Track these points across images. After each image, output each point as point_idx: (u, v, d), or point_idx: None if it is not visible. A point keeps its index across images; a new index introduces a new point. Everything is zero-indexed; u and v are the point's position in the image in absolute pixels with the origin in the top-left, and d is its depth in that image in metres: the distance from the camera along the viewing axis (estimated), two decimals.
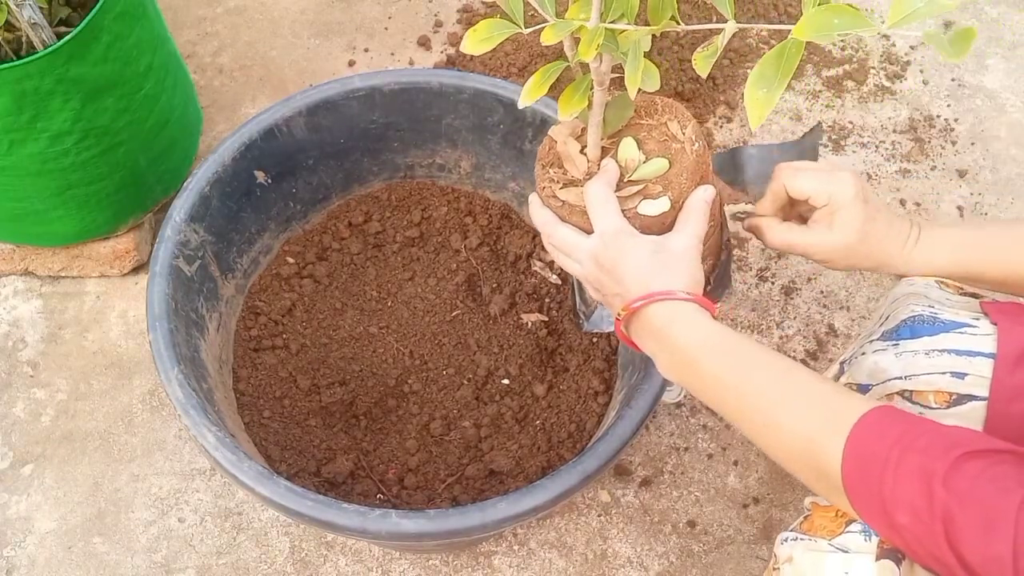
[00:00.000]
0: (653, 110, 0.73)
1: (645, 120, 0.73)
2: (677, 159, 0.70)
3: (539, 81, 0.65)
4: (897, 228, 0.72)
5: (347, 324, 1.11)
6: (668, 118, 0.72)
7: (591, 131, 0.70)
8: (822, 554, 0.66)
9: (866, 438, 0.57)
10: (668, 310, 0.66)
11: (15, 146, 1.03)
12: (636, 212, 0.69)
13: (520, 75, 1.42)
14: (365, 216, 1.15)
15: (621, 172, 0.71)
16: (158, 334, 0.87)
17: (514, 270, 1.15)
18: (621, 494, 1.14)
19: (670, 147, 0.71)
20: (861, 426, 0.57)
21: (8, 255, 1.25)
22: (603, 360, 1.05)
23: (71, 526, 1.11)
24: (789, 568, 0.68)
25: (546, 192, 0.72)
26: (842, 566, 0.64)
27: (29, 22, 0.95)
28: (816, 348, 1.25)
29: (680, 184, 0.69)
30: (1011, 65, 1.54)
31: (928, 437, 0.55)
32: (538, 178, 0.73)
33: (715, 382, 0.65)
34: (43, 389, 1.20)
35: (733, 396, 0.64)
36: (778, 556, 0.70)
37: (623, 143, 0.71)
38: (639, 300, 0.67)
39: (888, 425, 0.57)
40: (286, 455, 0.99)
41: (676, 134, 0.71)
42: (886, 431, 0.56)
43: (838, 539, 0.66)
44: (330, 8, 1.57)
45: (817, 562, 0.65)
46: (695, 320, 0.66)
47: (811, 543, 0.67)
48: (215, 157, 0.98)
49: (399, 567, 1.09)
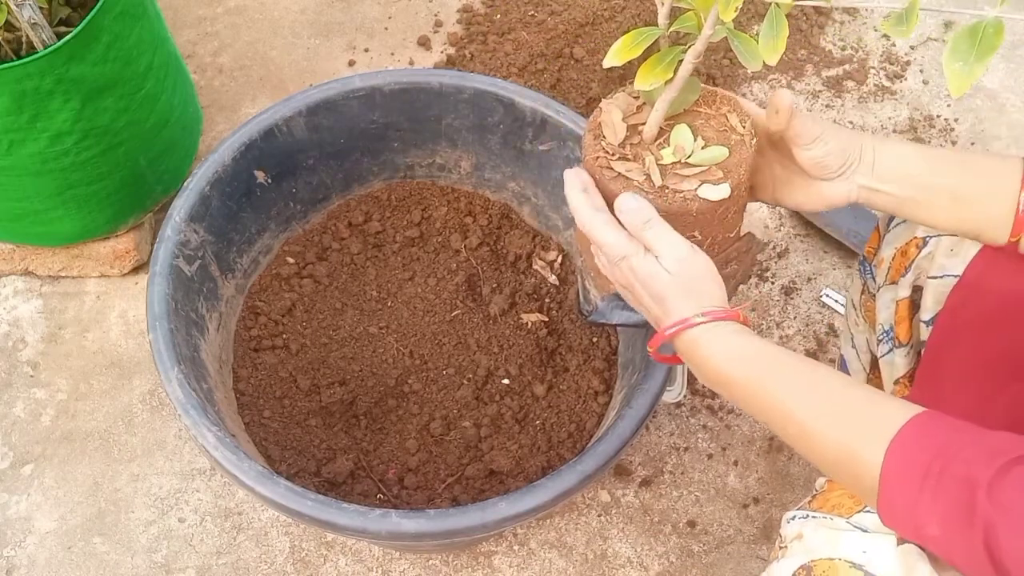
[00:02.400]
0: (713, 100, 0.72)
1: (704, 109, 0.72)
2: (736, 150, 0.69)
3: (628, 43, 0.64)
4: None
5: (347, 324, 1.11)
6: (728, 110, 0.71)
7: (658, 107, 0.68)
8: (837, 532, 0.64)
9: (906, 450, 0.56)
10: (691, 335, 0.66)
11: (15, 146, 1.03)
12: (696, 195, 0.67)
13: (520, 75, 1.42)
14: (365, 216, 1.15)
15: (673, 156, 0.69)
16: (158, 334, 0.87)
17: (514, 270, 1.15)
18: (621, 494, 1.14)
19: (729, 138, 0.70)
20: (901, 438, 0.56)
21: (8, 255, 1.25)
22: (603, 360, 1.05)
23: (71, 526, 1.11)
24: (798, 545, 0.66)
25: (600, 162, 0.70)
26: (860, 545, 0.62)
27: (29, 22, 0.95)
28: (816, 348, 1.25)
29: (739, 175, 0.68)
30: (1011, 65, 1.54)
31: (972, 448, 0.54)
32: (588, 148, 0.71)
33: (750, 399, 0.65)
34: (43, 389, 1.20)
35: (767, 410, 0.64)
36: (784, 536, 0.68)
37: (677, 128, 0.70)
38: (670, 329, 0.67)
39: (930, 436, 0.56)
40: (286, 455, 0.99)
41: (735, 126, 0.70)
42: (927, 443, 0.55)
43: (855, 517, 0.65)
44: (330, 8, 1.57)
45: (832, 540, 0.63)
46: (719, 341, 0.65)
47: (825, 520, 0.66)
48: (215, 157, 0.98)
49: (399, 567, 1.09)
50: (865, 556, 0.61)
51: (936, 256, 0.77)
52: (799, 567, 0.64)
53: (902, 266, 0.81)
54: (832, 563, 0.62)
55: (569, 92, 1.42)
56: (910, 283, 0.81)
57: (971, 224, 0.69)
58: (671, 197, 0.67)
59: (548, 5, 1.51)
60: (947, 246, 0.77)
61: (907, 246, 0.80)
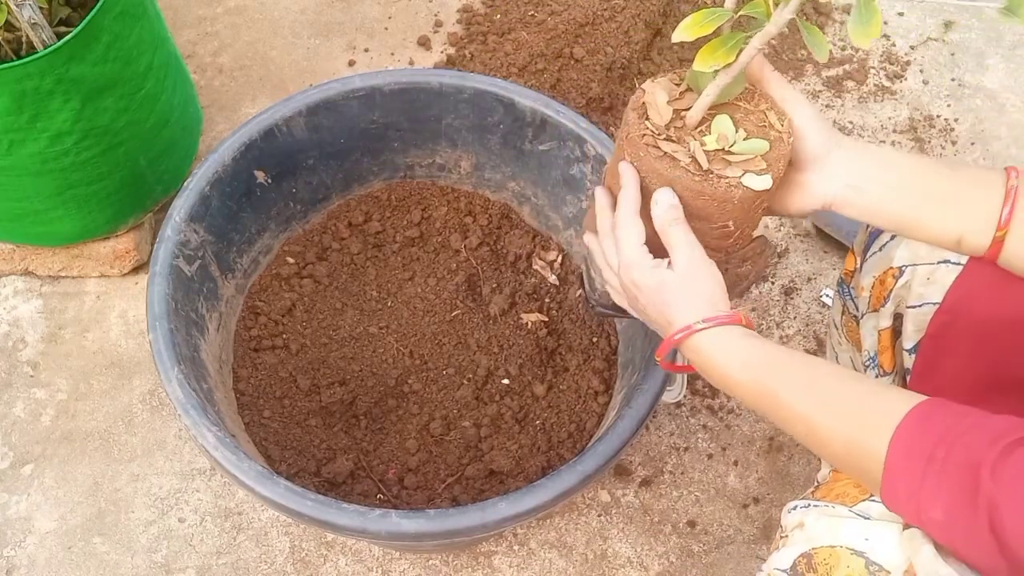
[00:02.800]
0: (752, 96, 0.72)
1: (743, 104, 0.71)
2: (776, 145, 0.69)
3: (699, 20, 0.64)
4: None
5: (347, 324, 1.11)
6: (767, 107, 0.71)
7: (708, 92, 0.68)
8: (840, 520, 0.64)
9: (910, 438, 0.57)
10: (695, 341, 0.68)
11: (15, 146, 1.03)
12: (740, 183, 0.67)
13: (520, 75, 1.42)
14: (365, 216, 1.15)
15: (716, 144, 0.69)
16: (158, 334, 0.87)
17: (514, 270, 1.15)
18: (621, 494, 1.14)
19: (768, 133, 0.70)
20: (905, 426, 0.57)
21: (8, 255, 1.25)
22: (603, 360, 1.05)
23: (71, 526, 1.11)
24: (800, 534, 0.66)
25: (646, 140, 0.69)
26: (862, 532, 0.62)
27: (29, 22, 0.95)
28: (816, 348, 1.25)
29: (778, 169, 0.68)
30: (1011, 65, 1.54)
31: (974, 432, 0.55)
32: (632, 125, 0.70)
33: (757, 401, 0.66)
34: (43, 389, 1.20)
35: (775, 411, 0.65)
36: (785, 526, 0.69)
37: (719, 117, 0.70)
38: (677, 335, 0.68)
39: (932, 422, 0.57)
40: (286, 455, 0.99)
41: (774, 123, 0.70)
42: (930, 429, 0.56)
43: (859, 506, 0.65)
44: (330, 8, 1.57)
45: (834, 527, 0.64)
46: (723, 346, 0.67)
47: (827, 509, 0.66)
48: (215, 157, 0.98)
49: (399, 567, 1.09)
50: (868, 543, 0.61)
51: (913, 285, 0.78)
52: (800, 555, 0.64)
53: (881, 295, 0.82)
54: (833, 550, 0.62)
55: (569, 92, 1.42)
56: (890, 313, 0.82)
57: (953, 227, 0.68)
58: (716, 182, 0.67)
59: (548, 5, 1.51)
60: (923, 275, 0.77)
61: (884, 275, 0.81)
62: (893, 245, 0.80)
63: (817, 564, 0.63)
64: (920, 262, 0.77)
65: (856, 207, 0.71)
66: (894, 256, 0.79)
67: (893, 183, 0.69)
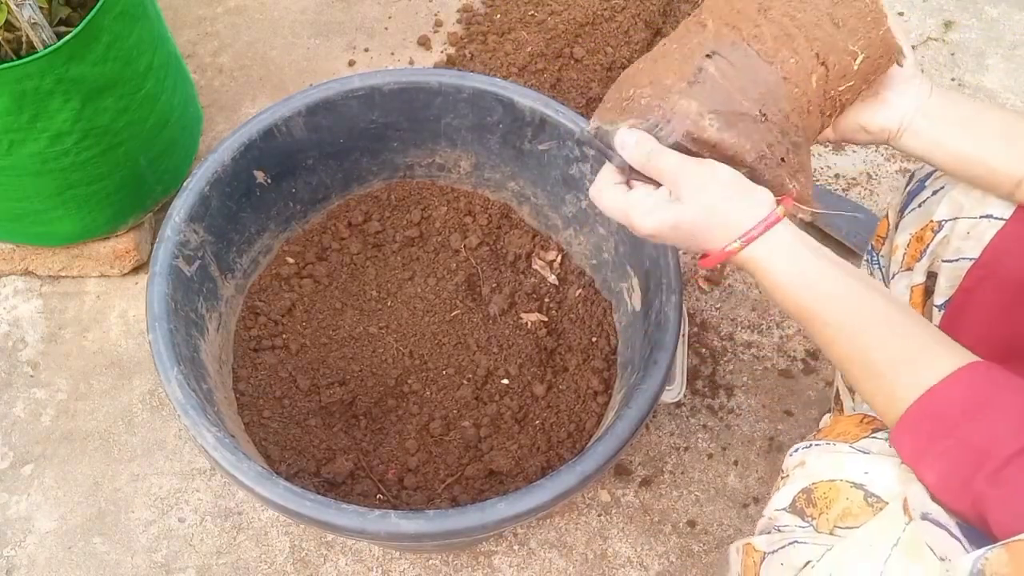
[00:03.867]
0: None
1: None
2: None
3: None
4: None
5: (347, 324, 1.11)
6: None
7: None
8: (840, 455, 0.64)
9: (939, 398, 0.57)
10: (737, 261, 0.66)
11: (15, 146, 1.03)
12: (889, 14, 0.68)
13: (520, 75, 1.42)
14: (365, 216, 1.15)
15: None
16: (158, 334, 0.87)
17: (514, 270, 1.15)
18: (621, 494, 1.14)
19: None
20: (941, 387, 0.57)
21: (8, 255, 1.25)
22: (602, 360, 1.05)
23: (71, 526, 1.11)
24: (800, 471, 0.66)
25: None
26: (862, 466, 0.62)
27: (29, 22, 0.95)
28: (816, 348, 1.25)
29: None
30: (1011, 65, 1.53)
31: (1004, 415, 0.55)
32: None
33: (806, 319, 0.65)
34: (43, 389, 1.20)
35: (820, 329, 0.64)
36: (786, 467, 0.69)
37: None
38: (716, 257, 0.66)
39: (970, 390, 0.57)
40: (286, 455, 0.99)
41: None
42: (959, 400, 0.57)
43: (860, 443, 0.65)
44: (330, 8, 1.57)
45: (834, 463, 0.64)
46: (765, 261, 0.65)
47: (828, 447, 0.66)
48: (215, 157, 0.98)
49: (399, 567, 1.09)
50: (867, 476, 0.62)
51: (952, 239, 0.77)
52: (800, 491, 0.64)
53: (917, 251, 0.81)
54: (833, 484, 0.62)
55: (569, 92, 1.42)
56: (925, 269, 0.81)
57: (1017, 168, 0.69)
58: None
59: (548, 5, 1.51)
60: (963, 229, 0.76)
61: (922, 231, 0.80)
62: (934, 201, 0.79)
63: (816, 499, 0.63)
64: (962, 215, 0.76)
65: (922, 139, 0.72)
66: (935, 211, 0.79)
67: (963, 117, 0.70)
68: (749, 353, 1.25)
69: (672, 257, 0.93)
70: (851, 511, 0.60)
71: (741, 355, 1.25)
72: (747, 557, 0.67)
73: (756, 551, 0.66)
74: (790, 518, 0.64)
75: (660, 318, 0.90)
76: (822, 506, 0.62)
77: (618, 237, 1.03)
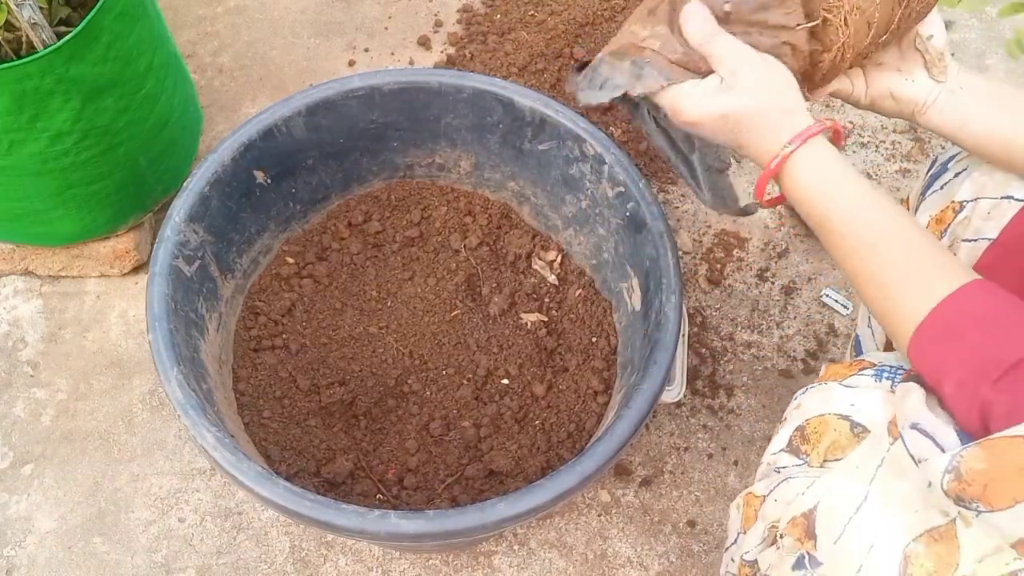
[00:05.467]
0: None
1: None
2: None
3: None
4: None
5: (347, 324, 1.11)
6: None
7: None
8: (830, 391, 0.66)
9: (949, 313, 0.58)
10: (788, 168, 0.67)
11: (15, 146, 1.03)
12: None
13: (520, 75, 1.42)
14: (365, 216, 1.15)
15: None
16: (157, 334, 0.87)
17: (514, 270, 1.15)
18: (621, 494, 1.14)
19: None
20: (950, 300, 0.58)
21: (8, 255, 1.25)
22: (602, 360, 1.05)
23: (71, 526, 1.11)
24: (795, 412, 0.68)
25: None
26: (848, 399, 0.64)
27: (29, 22, 0.95)
28: (816, 348, 1.25)
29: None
30: (1011, 65, 1.53)
31: (1010, 326, 0.56)
32: None
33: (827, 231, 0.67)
34: (43, 389, 1.20)
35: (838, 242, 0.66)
36: (785, 414, 0.71)
37: None
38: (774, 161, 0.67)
39: (977, 304, 0.58)
40: (286, 455, 0.99)
41: None
42: (971, 310, 0.58)
43: (848, 379, 0.67)
44: (330, 8, 1.57)
45: (824, 399, 0.65)
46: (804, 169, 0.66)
47: (820, 387, 0.68)
48: (215, 157, 0.98)
49: (399, 567, 1.09)
50: (852, 408, 0.63)
51: (972, 219, 0.78)
52: (794, 430, 0.66)
53: (937, 232, 0.82)
54: (823, 419, 0.64)
55: None
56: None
57: None
58: None
59: (548, 5, 1.51)
60: (984, 209, 0.77)
61: (943, 212, 0.81)
62: (956, 182, 0.80)
63: (809, 434, 0.65)
64: (984, 195, 0.77)
65: (947, 116, 0.73)
66: (956, 192, 0.79)
67: (987, 96, 0.72)
68: (749, 353, 1.25)
69: (672, 257, 0.93)
70: (839, 443, 0.63)
71: (741, 355, 1.25)
72: (747, 508, 0.69)
73: (756, 497, 0.67)
74: (787, 458, 0.67)
75: (660, 318, 0.90)
76: (814, 441, 0.64)
77: (618, 237, 1.03)
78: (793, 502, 0.61)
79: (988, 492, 0.50)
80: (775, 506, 0.64)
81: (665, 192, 1.38)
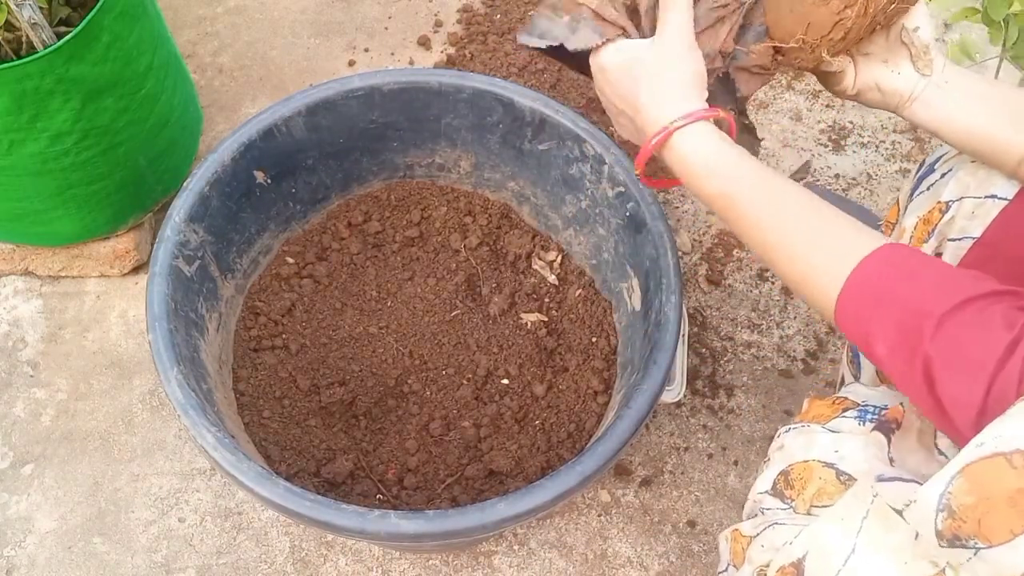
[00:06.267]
0: None
1: None
2: None
3: None
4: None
5: (347, 324, 1.11)
6: None
7: None
8: (813, 435, 0.66)
9: (873, 268, 0.58)
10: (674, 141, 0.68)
11: (15, 146, 1.03)
12: None
13: (520, 75, 1.42)
14: (365, 216, 1.15)
15: None
16: (157, 334, 0.87)
17: (514, 270, 1.15)
18: (621, 494, 1.14)
19: None
20: (872, 258, 0.58)
21: (8, 255, 1.25)
22: (602, 360, 1.05)
23: (71, 526, 1.11)
24: (779, 454, 0.68)
25: None
26: (832, 446, 0.64)
27: (29, 22, 0.95)
28: (816, 348, 1.25)
29: None
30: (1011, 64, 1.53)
31: (935, 280, 0.56)
32: None
33: (723, 209, 0.67)
34: (43, 389, 1.20)
35: (740, 219, 0.66)
36: (769, 453, 0.70)
37: None
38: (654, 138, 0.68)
39: (897, 262, 0.58)
40: (286, 455, 0.99)
41: None
42: (893, 269, 0.57)
43: (831, 423, 0.67)
44: (330, 8, 1.57)
45: (807, 443, 0.66)
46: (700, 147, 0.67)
47: (803, 428, 0.68)
48: (215, 157, 0.98)
49: (399, 567, 1.09)
50: (837, 455, 0.63)
51: (957, 219, 0.78)
52: (779, 473, 0.66)
53: (924, 233, 0.82)
54: (807, 464, 0.64)
55: (569, 92, 1.42)
56: (932, 250, 0.82)
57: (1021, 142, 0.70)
58: None
59: None
60: (968, 209, 0.77)
61: (930, 213, 0.81)
62: (942, 183, 0.80)
63: (793, 480, 0.65)
64: (968, 194, 0.77)
65: (932, 110, 0.73)
66: (942, 192, 0.80)
67: (973, 92, 0.72)
68: (749, 353, 1.25)
69: (672, 257, 0.93)
70: (825, 490, 0.62)
71: (741, 355, 1.25)
72: (735, 543, 0.68)
73: (743, 536, 0.67)
74: (772, 500, 0.66)
75: (660, 318, 0.90)
76: (799, 487, 0.64)
77: (618, 237, 1.03)
78: (781, 550, 0.61)
79: (983, 528, 0.49)
80: (762, 552, 0.64)
81: (665, 192, 1.39)
